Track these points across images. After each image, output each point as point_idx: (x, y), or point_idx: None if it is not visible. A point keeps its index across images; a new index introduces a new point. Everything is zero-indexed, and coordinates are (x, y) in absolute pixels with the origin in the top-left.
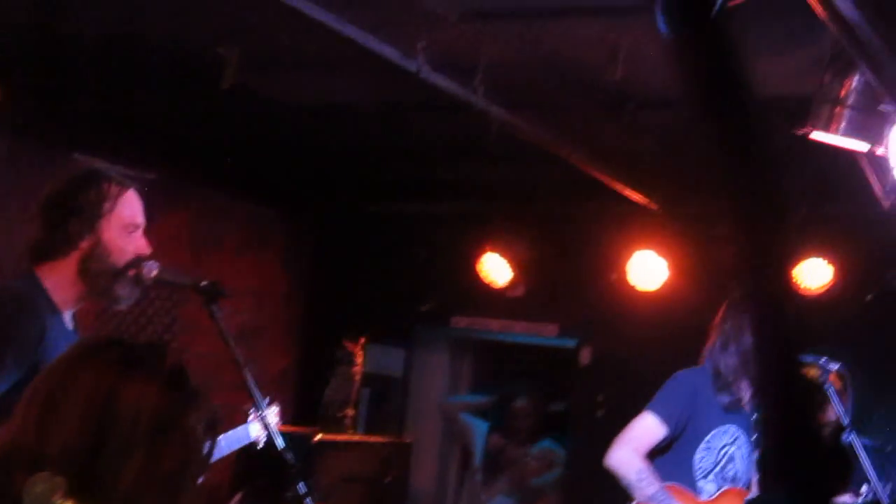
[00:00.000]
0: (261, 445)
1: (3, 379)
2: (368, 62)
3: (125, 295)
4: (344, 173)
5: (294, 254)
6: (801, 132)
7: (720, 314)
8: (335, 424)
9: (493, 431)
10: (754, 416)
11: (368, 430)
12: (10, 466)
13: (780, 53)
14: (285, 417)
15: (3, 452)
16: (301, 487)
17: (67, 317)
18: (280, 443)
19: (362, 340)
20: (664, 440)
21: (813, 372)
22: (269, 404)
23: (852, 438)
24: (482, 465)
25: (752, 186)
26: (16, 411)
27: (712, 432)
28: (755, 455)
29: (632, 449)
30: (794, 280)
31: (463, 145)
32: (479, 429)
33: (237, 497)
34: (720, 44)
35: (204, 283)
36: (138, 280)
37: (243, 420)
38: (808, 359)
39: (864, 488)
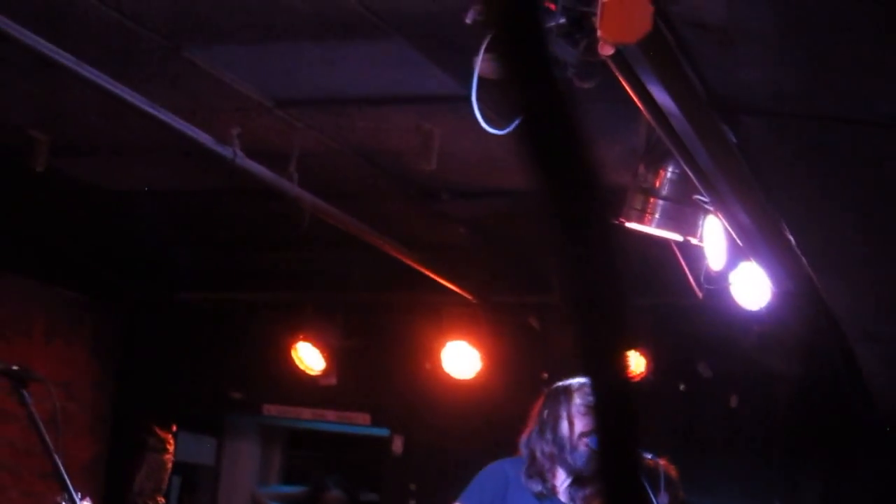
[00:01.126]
0: None
1: None
2: (183, 147)
3: None
4: (156, 260)
5: (104, 340)
6: (615, 222)
7: (539, 402)
8: None
9: None
10: None
11: None
12: None
13: (594, 143)
14: None
15: None
16: None
17: None
18: None
19: (174, 428)
20: None
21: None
22: (82, 499)
23: None
24: None
25: (594, 274)
26: None
27: None
28: None
29: None
30: (631, 370)
31: (276, 233)
32: None
33: None
34: (561, 122)
35: (14, 367)
36: None
37: None
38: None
39: None
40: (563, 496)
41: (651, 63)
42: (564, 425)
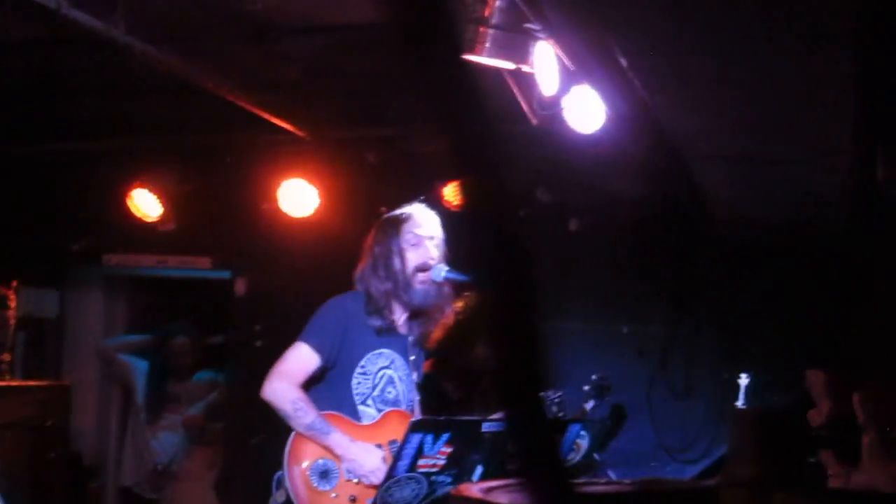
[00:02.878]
0: None
1: None
2: None
3: None
4: None
5: None
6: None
7: (370, 237)
8: None
9: (153, 370)
10: (411, 338)
11: (25, 375)
12: None
13: None
14: None
15: None
16: None
17: None
18: None
19: (15, 284)
20: (318, 369)
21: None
22: None
23: None
24: (145, 403)
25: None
26: None
27: (366, 356)
28: (415, 377)
29: (286, 380)
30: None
31: (107, 81)
32: (139, 368)
33: None
34: None
35: None
36: None
37: None
38: (464, 278)
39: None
40: (402, 329)
41: None
42: (397, 261)
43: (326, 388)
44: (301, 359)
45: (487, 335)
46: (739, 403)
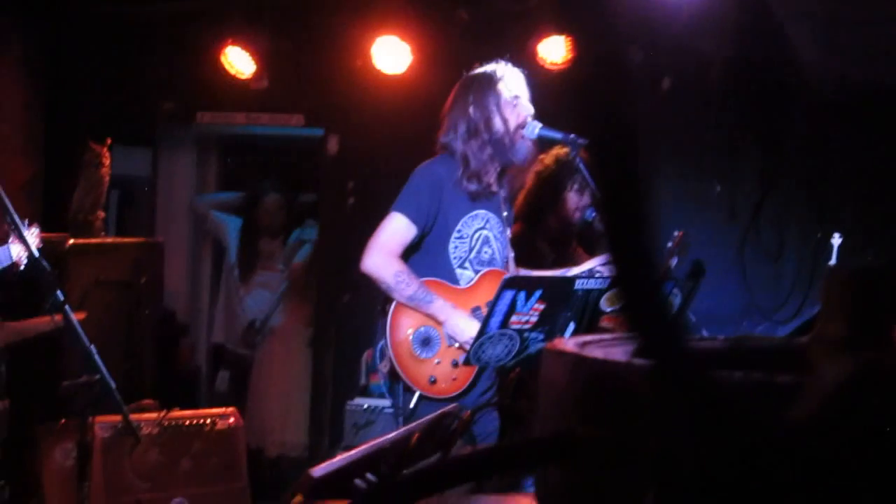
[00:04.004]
0: (22, 267)
1: None
2: None
3: None
4: None
5: (32, 60)
6: None
7: (459, 98)
8: (85, 229)
9: (246, 227)
10: (503, 195)
11: (119, 233)
12: None
13: None
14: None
15: None
16: (59, 295)
17: None
18: (45, 264)
19: (108, 142)
20: (416, 237)
21: (561, 150)
22: (29, 226)
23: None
24: (237, 261)
25: None
26: None
27: (462, 220)
28: (508, 234)
29: (385, 252)
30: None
31: None
32: (231, 225)
33: None
34: None
35: None
36: None
37: None
38: (557, 136)
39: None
40: (495, 187)
41: None
42: (498, 121)
43: (424, 254)
44: (397, 229)
45: (596, 195)
46: (832, 263)
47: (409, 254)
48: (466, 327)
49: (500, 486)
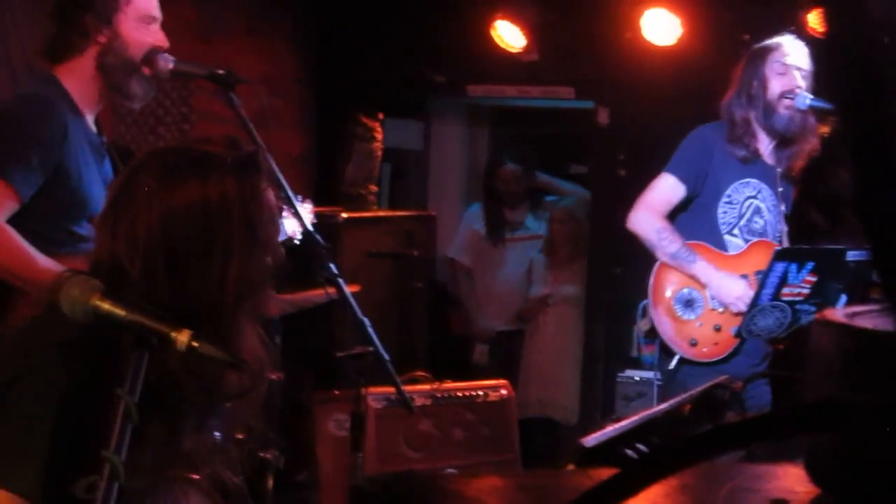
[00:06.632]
0: (297, 241)
1: (31, 182)
2: None
3: (140, 93)
4: None
5: (302, 35)
6: None
7: (739, 66)
8: (358, 202)
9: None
10: (779, 169)
11: (391, 206)
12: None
13: None
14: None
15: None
16: (332, 268)
17: (90, 120)
18: (319, 238)
19: (380, 116)
20: (683, 199)
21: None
22: (303, 201)
23: None
24: (485, 230)
25: None
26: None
27: (732, 185)
28: (783, 208)
29: (651, 210)
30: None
31: None
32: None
33: None
34: None
35: (220, 71)
36: (154, 75)
37: None
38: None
39: None
40: (768, 159)
41: None
42: (758, 86)
43: (692, 217)
44: (666, 189)
45: (850, 165)
46: None
47: (677, 214)
48: (733, 287)
49: (770, 455)
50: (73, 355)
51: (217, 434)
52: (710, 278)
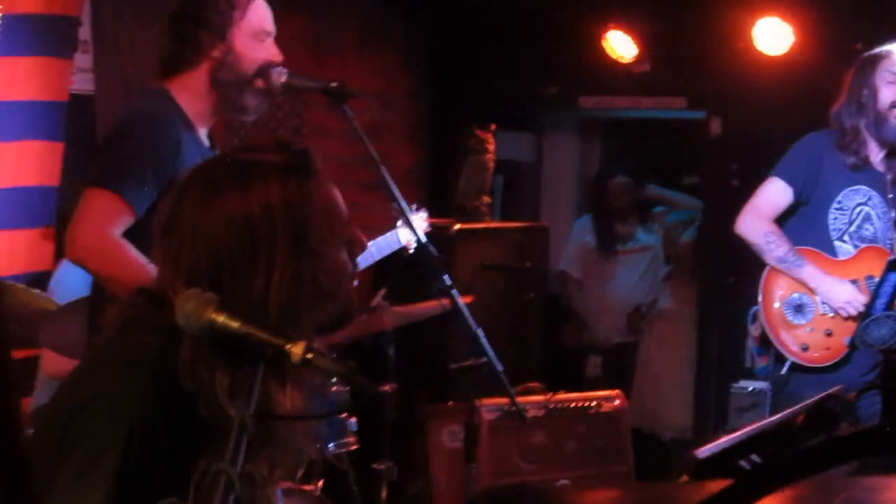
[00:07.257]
0: (410, 251)
1: (145, 197)
2: None
3: (253, 106)
4: None
5: (414, 49)
6: None
7: (849, 74)
8: (470, 214)
9: (595, 210)
10: (889, 176)
11: (504, 217)
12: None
13: None
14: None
15: (156, 285)
16: (446, 279)
17: (203, 133)
18: (432, 249)
19: (493, 128)
20: (791, 202)
21: None
22: (417, 210)
23: None
24: (596, 244)
25: None
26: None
27: (843, 192)
28: (893, 215)
29: (758, 214)
30: None
31: None
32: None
33: (380, 293)
34: None
35: (333, 84)
36: (267, 89)
37: (379, 219)
38: None
39: None
40: (879, 167)
41: None
42: (868, 96)
43: (801, 222)
44: (773, 193)
45: None
46: None
47: (787, 219)
48: (842, 291)
49: (884, 467)
50: (142, 376)
51: (329, 445)
52: (819, 283)
